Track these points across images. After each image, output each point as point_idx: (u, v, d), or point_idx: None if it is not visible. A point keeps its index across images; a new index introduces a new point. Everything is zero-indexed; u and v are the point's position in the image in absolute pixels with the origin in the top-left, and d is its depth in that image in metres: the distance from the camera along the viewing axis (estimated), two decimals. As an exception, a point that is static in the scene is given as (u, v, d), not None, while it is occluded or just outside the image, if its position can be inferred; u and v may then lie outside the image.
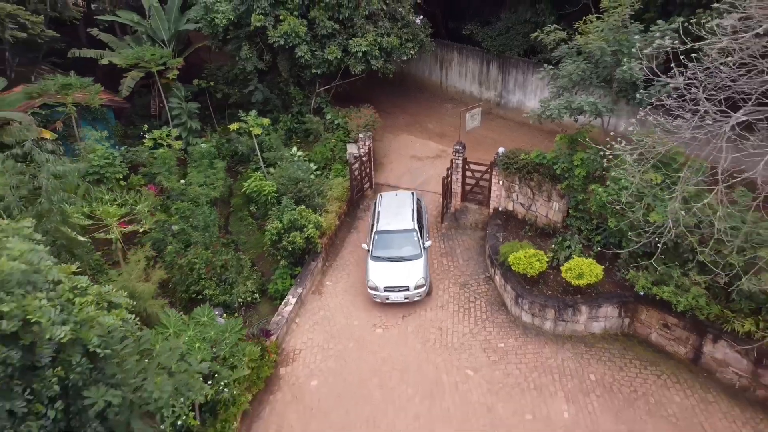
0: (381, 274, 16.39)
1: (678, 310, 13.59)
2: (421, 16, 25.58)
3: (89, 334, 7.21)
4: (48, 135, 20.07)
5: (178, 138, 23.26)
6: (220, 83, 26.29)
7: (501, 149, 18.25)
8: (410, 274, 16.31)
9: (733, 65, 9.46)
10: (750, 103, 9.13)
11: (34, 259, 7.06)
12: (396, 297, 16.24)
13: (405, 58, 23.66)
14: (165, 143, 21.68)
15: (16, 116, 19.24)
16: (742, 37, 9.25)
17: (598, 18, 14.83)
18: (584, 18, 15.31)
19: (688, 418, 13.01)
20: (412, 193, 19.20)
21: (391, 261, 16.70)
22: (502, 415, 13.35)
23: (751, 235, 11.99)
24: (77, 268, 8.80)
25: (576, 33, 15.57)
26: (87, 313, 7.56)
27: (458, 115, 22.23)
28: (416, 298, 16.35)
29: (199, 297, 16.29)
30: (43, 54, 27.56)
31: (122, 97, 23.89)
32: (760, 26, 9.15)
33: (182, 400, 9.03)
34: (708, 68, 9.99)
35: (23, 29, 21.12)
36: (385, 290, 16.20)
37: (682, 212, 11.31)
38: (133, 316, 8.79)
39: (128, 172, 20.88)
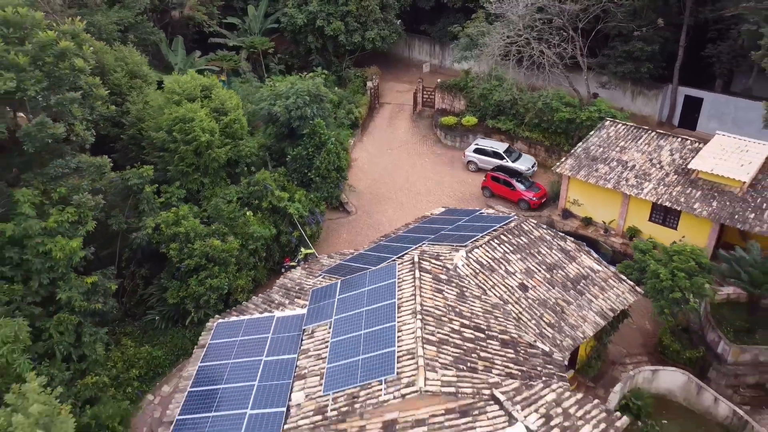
0: (522, 164, 34.04)
1: (501, 129, 36.56)
2: (400, 20, 48.22)
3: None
4: (223, 78, 41.81)
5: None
6: (288, 56, 48.12)
7: (439, 80, 40.99)
8: (530, 159, 35.25)
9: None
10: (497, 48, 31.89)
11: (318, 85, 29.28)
12: (533, 170, 34.17)
13: (392, 42, 46.19)
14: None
15: (212, 68, 41.03)
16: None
17: (470, 20, 37.83)
18: (468, 20, 38.26)
19: (505, 166, 36.09)
20: (476, 143, 39.06)
21: (517, 160, 34.94)
22: (441, 169, 36.11)
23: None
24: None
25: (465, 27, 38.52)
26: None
27: (420, 73, 44.82)
28: (534, 169, 34.80)
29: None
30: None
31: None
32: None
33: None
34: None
35: (208, 26, 42.63)
36: (527, 169, 33.84)
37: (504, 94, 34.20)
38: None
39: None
